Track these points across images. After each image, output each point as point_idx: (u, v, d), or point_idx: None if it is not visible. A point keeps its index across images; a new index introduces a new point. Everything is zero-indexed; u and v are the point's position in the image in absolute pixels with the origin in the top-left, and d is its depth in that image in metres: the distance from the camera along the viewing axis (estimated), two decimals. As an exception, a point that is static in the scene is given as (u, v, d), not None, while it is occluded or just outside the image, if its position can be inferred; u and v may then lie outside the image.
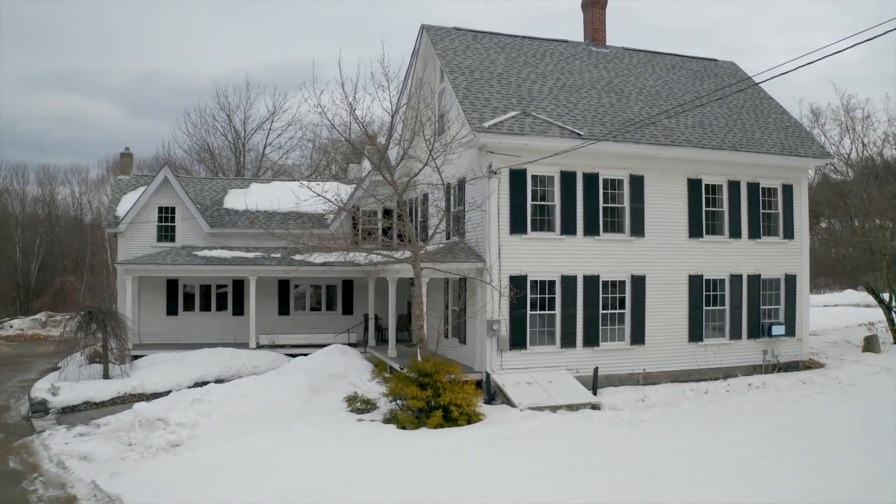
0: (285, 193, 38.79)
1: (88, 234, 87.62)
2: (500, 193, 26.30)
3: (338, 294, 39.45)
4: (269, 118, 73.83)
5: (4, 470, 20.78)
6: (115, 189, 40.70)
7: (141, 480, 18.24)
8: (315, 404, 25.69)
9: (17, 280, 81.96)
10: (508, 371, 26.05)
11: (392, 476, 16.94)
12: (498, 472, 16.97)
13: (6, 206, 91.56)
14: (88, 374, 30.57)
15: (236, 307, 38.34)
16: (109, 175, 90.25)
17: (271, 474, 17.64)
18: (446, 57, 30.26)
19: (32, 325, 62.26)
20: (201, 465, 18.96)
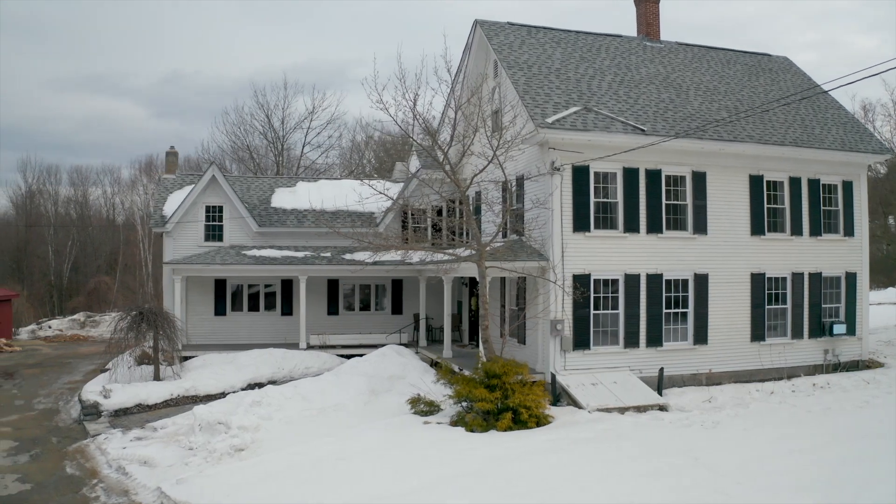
0: (332, 192, 38.36)
1: (121, 234, 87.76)
2: (563, 191, 25.73)
3: (387, 294, 38.96)
4: (308, 116, 73.85)
5: (62, 476, 20.36)
6: (161, 188, 40.38)
7: (209, 487, 17.72)
8: (375, 406, 25.20)
9: (50, 280, 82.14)
10: (572, 372, 25.47)
11: (472, 482, 16.36)
12: (582, 477, 16.38)
13: (39, 207, 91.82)
14: (140, 376, 30.16)
15: (285, 307, 37.92)
16: (141, 175, 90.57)
17: (346, 481, 17.11)
18: (503, 52, 29.71)
19: (71, 325, 62.03)
20: (270, 471, 18.43)
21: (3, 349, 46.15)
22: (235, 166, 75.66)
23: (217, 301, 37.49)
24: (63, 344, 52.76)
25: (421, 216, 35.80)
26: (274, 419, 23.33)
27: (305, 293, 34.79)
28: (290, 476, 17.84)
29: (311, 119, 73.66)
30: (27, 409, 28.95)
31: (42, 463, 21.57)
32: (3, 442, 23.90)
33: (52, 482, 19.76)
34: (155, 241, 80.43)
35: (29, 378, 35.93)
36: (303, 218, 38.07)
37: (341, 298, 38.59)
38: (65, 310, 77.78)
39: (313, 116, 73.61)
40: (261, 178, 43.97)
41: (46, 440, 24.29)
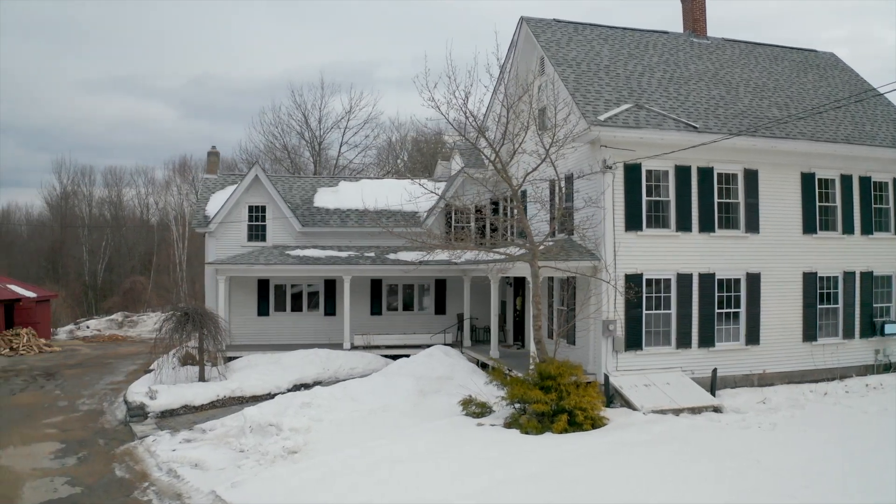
0: (375, 191, 38.16)
1: (155, 234, 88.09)
2: (615, 189, 25.38)
3: (430, 294, 38.69)
4: (345, 116, 73.83)
5: (112, 479, 20.11)
6: (203, 188, 40.35)
7: (265, 490, 17.46)
8: (425, 407, 24.89)
9: (85, 280, 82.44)
10: (624, 373, 25.12)
11: (535, 485, 16.07)
12: (645, 480, 16.12)
13: (73, 207, 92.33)
14: (185, 377, 30.01)
15: (328, 307, 37.76)
16: (175, 176, 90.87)
17: (403, 483, 16.80)
18: (550, 49, 29.39)
19: (109, 325, 62.22)
20: (325, 474, 18.12)
21: (43, 349, 46.24)
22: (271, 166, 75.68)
23: (260, 301, 37.35)
24: (102, 344, 52.84)
25: (465, 215, 35.50)
26: (324, 421, 23.07)
27: (349, 293, 34.53)
28: (346, 479, 17.54)
29: (349, 119, 73.65)
30: (71, 410, 28.82)
31: (90, 465, 21.36)
32: (50, 444, 23.74)
33: (101, 485, 19.54)
34: (190, 241, 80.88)
35: (70, 378, 35.87)
36: (346, 217, 37.89)
37: (384, 298, 38.35)
38: (99, 310, 78.12)
39: (350, 116, 73.52)
40: (303, 178, 43.80)
41: (93, 442, 24.09)
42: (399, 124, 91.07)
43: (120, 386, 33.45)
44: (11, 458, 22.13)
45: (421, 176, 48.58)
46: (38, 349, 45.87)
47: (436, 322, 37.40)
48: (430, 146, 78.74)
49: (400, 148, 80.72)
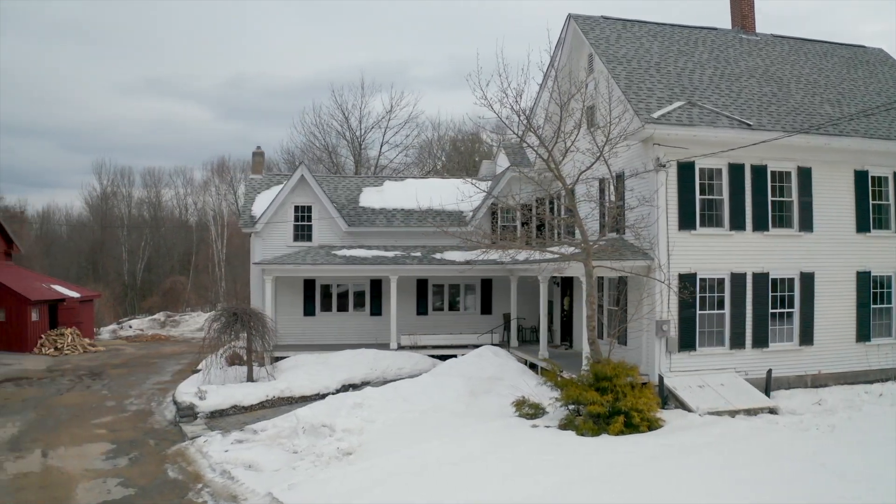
0: (419, 191, 38.01)
1: (194, 234, 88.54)
2: (668, 187, 25.04)
3: (476, 293, 38.42)
4: (386, 116, 73.70)
5: (165, 480, 20.05)
6: (249, 189, 40.37)
7: (323, 492, 17.32)
8: (476, 408, 24.70)
9: (124, 280, 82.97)
10: (677, 374, 24.79)
11: (596, 488, 15.80)
12: (709, 483, 15.82)
13: (113, 208, 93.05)
14: (234, 377, 30.04)
15: (374, 307, 37.66)
16: (214, 177, 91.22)
17: (462, 486, 16.61)
18: (600, 46, 29.11)
19: (151, 325, 62.55)
20: (382, 476, 17.97)
21: (88, 349, 46.50)
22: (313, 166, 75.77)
23: (306, 301, 37.30)
24: (145, 344, 53.11)
25: (511, 214, 35.33)
26: (377, 422, 22.93)
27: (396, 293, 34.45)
28: (402, 481, 17.39)
29: (389, 118, 73.57)
30: (120, 410, 28.87)
31: (142, 466, 21.32)
32: (100, 444, 23.75)
33: (155, 486, 19.47)
34: (229, 241, 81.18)
35: (117, 378, 36.00)
36: (392, 217, 37.78)
37: (430, 298, 38.19)
38: (139, 309, 78.59)
39: (391, 115, 73.46)
40: (347, 178, 43.71)
41: (144, 442, 24.08)
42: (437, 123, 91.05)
43: (167, 386, 33.51)
44: (62, 458, 22.14)
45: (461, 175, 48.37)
46: (82, 349, 46.10)
47: (482, 322, 37.17)
48: (468, 145, 78.63)
49: (438, 147, 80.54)
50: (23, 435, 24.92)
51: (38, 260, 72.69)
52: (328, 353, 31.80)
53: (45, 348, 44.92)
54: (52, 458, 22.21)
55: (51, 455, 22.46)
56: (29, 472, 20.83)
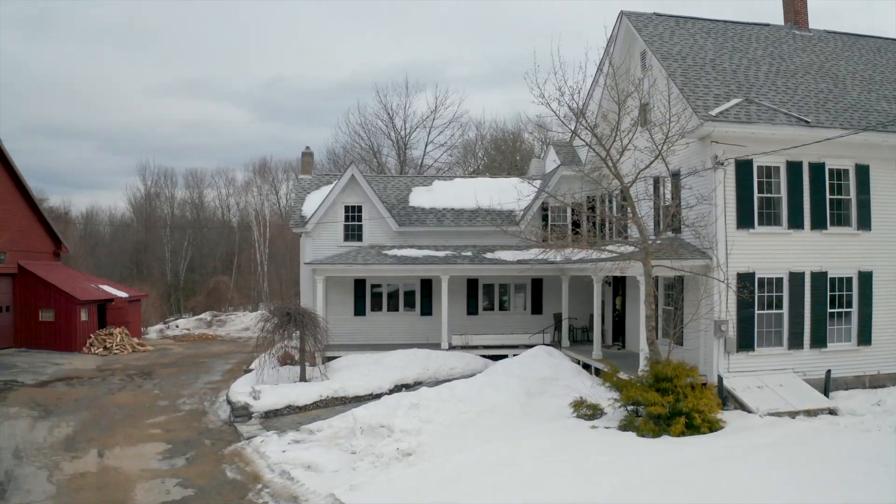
0: (469, 190, 37.95)
1: (236, 234, 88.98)
2: (726, 186, 24.76)
3: (527, 293, 38.20)
4: (431, 115, 73.71)
5: (223, 481, 20.08)
6: (298, 189, 40.47)
7: (385, 493, 17.27)
8: (532, 409, 24.54)
9: (167, 280, 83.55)
10: (735, 374, 24.52)
11: (663, 490, 15.62)
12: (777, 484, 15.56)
13: (156, 209, 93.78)
14: (287, 377, 30.10)
15: (424, 307, 37.63)
16: (256, 177, 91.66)
17: (525, 488, 16.48)
18: (654, 44, 28.87)
19: (198, 324, 62.84)
20: (444, 477, 17.90)
21: (137, 348, 46.71)
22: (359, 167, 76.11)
23: (357, 301, 37.34)
24: (193, 343, 53.33)
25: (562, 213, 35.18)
26: (434, 422, 22.82)
27: (447, 293, 34.37)
28: (465, 482, 17.30)
29: (434, 118, 73.54)
30: (173, 409, 28.98)
31: (199, 466, 21.37)
32: (156, 444, 23.84)
33: (214, 487, 19.50)
34: (271, 241, 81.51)
35: (167, 378, 36.13)
36: (442, 217, 37.66)
37: (480, 298, 38.01)
38: (183, 309, 79.12)
39: (435, 115, 73.47)
40: (397, 178, 43.66)
41: (199, 442, 24.15)
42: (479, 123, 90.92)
43: (218, 385, 33.61)
44: (119, 458, 22.24)
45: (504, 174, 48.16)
46: (131, 348, 46.33)
47: (532, 322, 36.99)
48: (509, 144, 78.43)
49: (480, 147, 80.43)
50: (77, 434, 25.05)
51: (83, 260, 73.27)
52: (380, 353, 31.84)
53: (95, 348, 45.18)
54: (109, 458, 22.31)
55: (107, 455, 22.57)
56: (86, 472, 20.94)
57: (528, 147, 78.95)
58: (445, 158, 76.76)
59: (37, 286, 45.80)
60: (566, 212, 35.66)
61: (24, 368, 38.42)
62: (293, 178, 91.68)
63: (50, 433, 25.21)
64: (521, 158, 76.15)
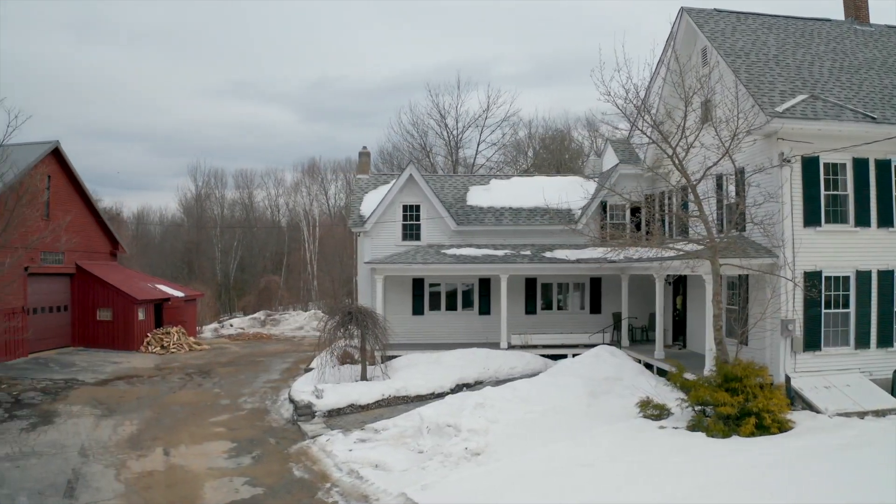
0: (526, 189, 37.98)
1: (286, 234, 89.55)
2: (793, 183, 24.47)
3: (585, 292, 37.96)
4: (484, 114, 73.67)
5: (291, 479, 20.13)
6: (356, 189, 40.52)
7: (456, 492, 17.25)
8: (598, 409, 24.38)
9: (218, 279, 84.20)
10: (801, 374, 24.22)
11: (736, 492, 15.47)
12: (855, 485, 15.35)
13: (206, 210, 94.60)
14: (349, 376, 30.18)
15: (482, 306, 37.52)
16: (305, 178, 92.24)
17: (599, 488, 16.41)
18: (716, 40, 28.61)
19: (252, 323, 63.20)
20: (515, 477, 17.85)
21: (194, 347, 47.06)
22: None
23: (415, 300, 37.38)
24: (248, 342, 53.63)
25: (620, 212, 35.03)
26: (500, 422, 22.71)
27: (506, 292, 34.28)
28: (537, 483, 17.24)
29: (486, 116, 73.48)
30: (235, 408, 29.13)
31: (266, 465, 21.45)
32: (221, 443, 23.97)
33: (282, 486, 19.56)
34: (320, 241, 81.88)
35: (226, 377, 36.35)
36: (501, 216, 37.50)
37: (539, 297, 37.81)
38: (234, 308, 79.73)
39: (487, 114, 73.38)
40: (454, 177, 43.59)
41: (264, 441, 24.24)
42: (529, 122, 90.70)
43: (277, 385, 33.76)
44: (185, 457, 22.38)
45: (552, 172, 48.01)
46: (188, 347, 46.69)
47: (591, 321, 36.79)
48: (557, 143, 78.17)
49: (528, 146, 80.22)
50: (142, 433, 25.25)
51: (135, 260, 73.98)
52: (439, 353, 31.81)
53: (152, 347, 45.56)
54: (175, 456, 22.46)
55: (173, 453, 22.72)
56: (153, 470, 21.07)
57: (577, 145, 78.71)
58: (498, 157, 76.75)
59: (94, 286, 46.27)
60: (625, 210, 35.42)
61: (84, 367, 38.80)
62: (342, 178, 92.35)
63: (114, 431, 25.43)
64: (570, 157, 75.91)
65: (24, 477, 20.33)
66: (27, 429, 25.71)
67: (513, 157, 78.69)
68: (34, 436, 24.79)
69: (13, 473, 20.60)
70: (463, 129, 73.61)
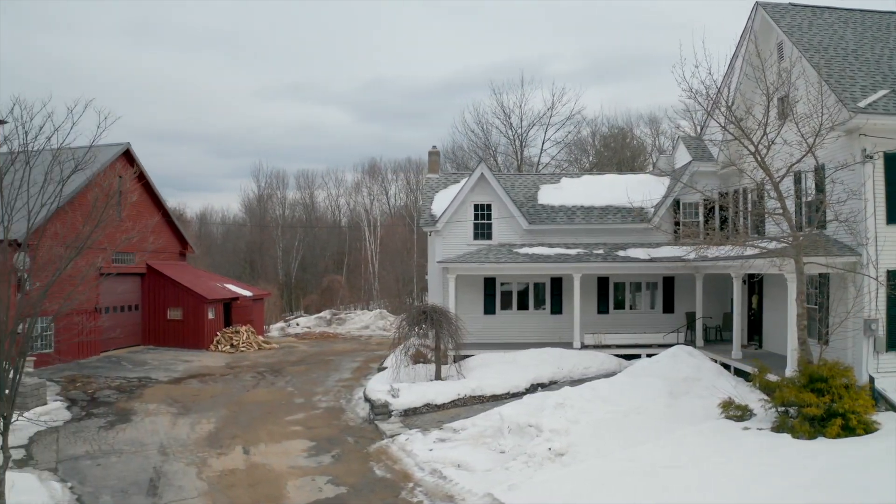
0: (597, 187, 37.86)
1: (346, 234, 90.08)
2: (875, 180, 24.03)
3: (658, 291, 37.55)
4: (548, 112, 73.14)
5: (373, 479, 20.23)
6: (426, 188, 40.51)
7: (543, 493, 17.29)
8: (678, 410, 24.08)
9: (280, 279, 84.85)
10: (885, 374, 23.67)
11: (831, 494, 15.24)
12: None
13: (267, 210, 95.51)
14: (423, 375, 30.37)
15: (554, 305, 37.24)
16: (365, 178, 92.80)
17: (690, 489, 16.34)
18: (794, 35, 28.20)
19: (318, 322, 63.63)
20: (601, 478, 17.81)
21: (263, 346, 47.51)
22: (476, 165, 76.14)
23: (486, 299, 37.19)
24: (316, 341, 53.99)
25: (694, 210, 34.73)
26: (581, 422, 22.55)
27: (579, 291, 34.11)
28: (625, 484, 17.19)
29: (551, 115, 73.06)
30: (310, 407, 29.33)
31: (347, 464, 21.57)
32: (300, 442, 24.17)
33: (365, 485, 19.65)
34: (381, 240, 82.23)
35: (297, 376, 36.61)
36: (572, 214, 37.24)
37: (611, 296, 37.47)
38: (296, 307, 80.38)
39: (552, 112, 72.93)
40: (524, 176, 43.38)
41: (342, 440, 24.40)
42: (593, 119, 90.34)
43: (349, 383, 33.95)
44: (265, 455, 22.58)
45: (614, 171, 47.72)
46: (257, 346, 47.16)
47: (663, 321, 36.39)
48: (618, 141, 77.72)
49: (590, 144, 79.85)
50: (219, 431, 25.52)
51: (199, 260, 74.73)
52: (512, 352, 31.71)
53: (221, 345, 46.07)
54: (255, 454, 22.67)
55: (253, 452, 22.94)
56: (234, 468, 21.29)
57: (638, 143, 78.21)
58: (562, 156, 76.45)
59: (165, 285, 46.91)
60: (697, 208, 35.05)
61: (156, 366, 39.35)
62: (402, 178, 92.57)
63: (192, 429, 25.73)
64: (631, 155, 75.44)
65: (107, 475, 20.65)
66: (105, 427, 26.12)
67: (576, 155, 78.34)
68: (113, 434, 25.17)
69: (95, 471, 20.93)
70: (527, 127, 73.34)
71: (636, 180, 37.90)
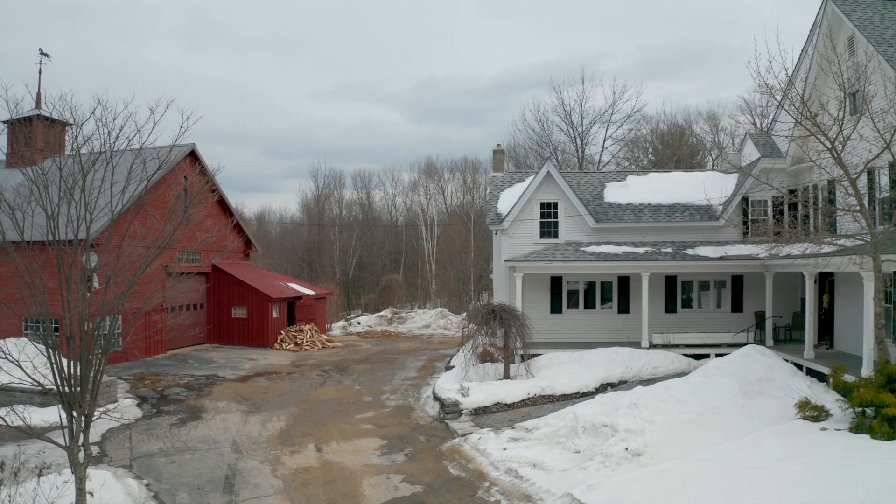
0: (663, 185, 37.60)
1: (403, 233, 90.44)
2: (956, 176, 23.72)
3: (727, 291, 37.09)
4: (609, 109, 72.93)
5: (448, 478, 20.27)
6: (492, 187, 40.42)
7: (624, 493, 17.16)
8: (753, 410, 23.80)
9: (337, 278, 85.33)
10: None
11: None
12: None
13: (325, 210, 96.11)
14: (493, 374, 30.33)
15: (621, 304, 37.01)
16: (422, 177, 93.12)
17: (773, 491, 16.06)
18: (866, 28, 27.82)
19: (379, 321, 63.88)
20: (682, 479, 17.62)
21: (326, 345, 47.81)
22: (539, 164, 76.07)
23: (553, 298, 37.04)
24: (378, 340, 54.22)
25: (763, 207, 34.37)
26: (656, 422, 22.39)
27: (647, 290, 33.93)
28: (705, 485, 17.01)
29: (612, 112, 72.79)
30: (379, 405, 29.46)
31: (420, 463, 21.65)
32: (372, 440, 24.30)
33: (441, 484, 19.70)
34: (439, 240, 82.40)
35: (363, 374, 36.77)
36: (639, 212, 37.00)
37: (679, 295, 37.14)
38: (355, 306, 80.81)
39: (613, 109, 72.64)
40: (590, 174, 43.11)
41: (414, 439, 24.51)
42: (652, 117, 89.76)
43: (416, 382, 34.04)
44: (338, 453, 22.71)
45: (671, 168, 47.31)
46: (321, 345, 47.47)
47: (732, 320, 36.02)
48: (676, 138, 77.14)
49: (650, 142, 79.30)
50: (291, 429, 25.71)
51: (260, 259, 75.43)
52: (580, 352, 31.61)
53: (286, 344, 46.46)
54: (327, 452, 22.81)
55: (325, 450, 23.09)
56: (308, 466, 21.44)
57: (697, 140, 77.57)
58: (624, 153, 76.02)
59: (230, 284, 47.37)
60: (766, 206, 34.66)
61: (222, 364, 39.74)
62: (458, 177, 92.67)
63: (263, 427, 25.95)
64: (689, 152, 74.82)
65: (182, 472, 20.90)
66: (177, 424, 26.44)
67: (634, 154, 77.87)
68: (185, 431, 25.47)
69: (170, 468, 21.18)
70: (588, 125, 72.95)
71: (702, 177, 37.47)
